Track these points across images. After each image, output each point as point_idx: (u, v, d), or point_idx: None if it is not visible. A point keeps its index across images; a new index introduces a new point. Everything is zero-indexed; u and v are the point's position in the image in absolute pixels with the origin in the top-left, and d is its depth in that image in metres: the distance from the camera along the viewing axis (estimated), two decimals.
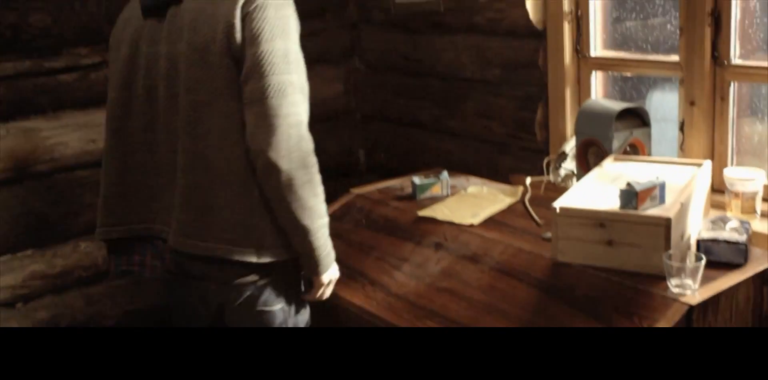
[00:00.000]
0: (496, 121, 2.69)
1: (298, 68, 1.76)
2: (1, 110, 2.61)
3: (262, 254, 1.77)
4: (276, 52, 1.72)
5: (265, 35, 1.73)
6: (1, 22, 2.57)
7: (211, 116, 1.78)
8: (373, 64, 3.22)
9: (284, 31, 1.75)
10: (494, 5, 2.56)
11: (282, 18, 1.76)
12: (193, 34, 1.80)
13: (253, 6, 1.74)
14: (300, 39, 1.91)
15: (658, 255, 1.75)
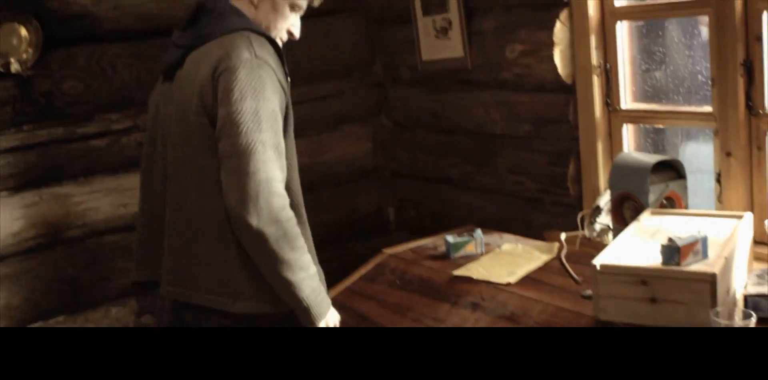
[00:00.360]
0: (527, 176, 2.66)
1: (270, 127, 1.81)
2: (34, 176, 2.64)
3: (238, 305, 1.83)
4: (246, 111, 1.80)
5: (234, 95, 1.80)
6: (36, 90, 2.61)
7: (190, 171, 1.89)
8: (400, 122, 3.22)
9: (255, 91, 1.82)
10: (522, 61, 2.57)
11: (254, 79, 1.83)
12: (180, 94, 1.93)
13: (224, 67, 1.83)
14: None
15: (704, 312, 1.69)
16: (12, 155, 2.59)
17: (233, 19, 1.94)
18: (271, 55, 1.88)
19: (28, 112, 2.61)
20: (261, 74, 1.82)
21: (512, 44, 2.59)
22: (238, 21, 1.93)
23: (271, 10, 1.99)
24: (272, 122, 1.81)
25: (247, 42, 1.85)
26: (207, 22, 1.98)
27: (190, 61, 1.93)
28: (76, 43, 2.68)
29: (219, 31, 1.91)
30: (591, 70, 2.43)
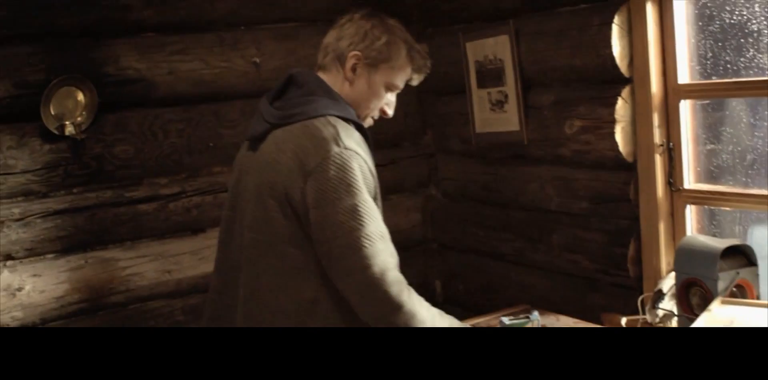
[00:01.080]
0: (584, 255, 2.57)
1: (370, 218, 1.78)
2: (81, 239, 2.61)
3: None
4: (343, 211, 1.77)
5: (329, 196, 1.78)
6: (87, 152, 2.60)
7: (269, 257, 1.86)
8: (450, 194, 3.16)
9: (349, 187, 1.79)
10: (581, 137, 2.51)
11: (346, 174, 1.79)
12: (260, 175, 1.90)
13: (314, 165, 1.80)
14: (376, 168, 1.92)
15: None
16: (60, 218, 2.57)
17: (322, 102, 1.91)
18: (358, 142, 1.86)
19: (79, 174, 2.60)
20: (352, 167, 1.79)
21: (571, 120, 2.53)
22: (326, 104, 1.90)
23: (365, 89, 1.99)
24: (370, 212, 1.79)
25: (333, 132, 1.83)
26: (296, 100, 1.95)
27: (273, 139, 1.90)
28: (129, 107, 2.69)
29: (306, 115, 1.88)
30: (653, 149, 2.36)
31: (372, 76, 1.99)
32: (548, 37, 2.58)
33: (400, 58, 2.01)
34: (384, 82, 2.01)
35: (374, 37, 1.99)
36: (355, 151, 1.83)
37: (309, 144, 1.82)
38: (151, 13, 2.69)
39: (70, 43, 2.58)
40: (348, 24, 2.03)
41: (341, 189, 1.77)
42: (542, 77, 2.64)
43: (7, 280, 2.49)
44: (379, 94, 2.01)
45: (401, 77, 2.04)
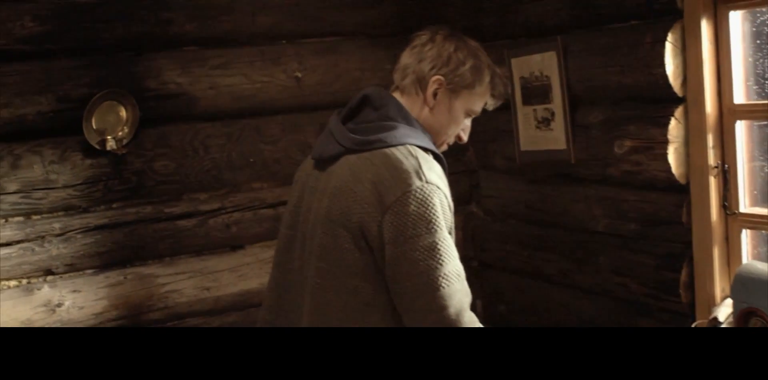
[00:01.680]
0: (633, 279, 2.49)
1: (448, 256, 1.72)
2: (120, 255, 2.59)
3: None
4: (422, 248, 1.70)
5: (408, 233, 1.70)
6: (128, 168, 2.58)
7: (335, 289, 1.79)
8: (492, 211, 3.10)
9: (429, 224, 1.71)
10: (631, 157, 2.44)
11: (427, 211, 1.72)
12: (332, 202, 1.79)
13: (394, 198, 1.72)
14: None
15: None
16: (100, 233, 2.55)
17: (401, 130, 1.82)
18: (440, 175, 1.79)
19: (119, 190, 2.58)
20: (433, 203, 1.72)
21: (621, 139, 2.47)
22: (407, 132, 1.83)
23: (445, 115, 1.92)
24: (449, 251, 1.73)
25: (415, 164, 1.75)
26: (373, 124, 1.86)
27: (348, 165, 1.81)
28: (170, 122, 2.67)
29: (385, 142, 1.79)
30: (707, 171, 2.28)
31: (453, 101, 1.92)
32: (597, 54, 2.52)
33: (483, 84, 1.94)
34: (464, 108, 1.95)
35: (459, 62, 1.91)
36: (436, 185, 1.75)
37: (389, 176, 1.73)
38: (192, 27, 2.67)
39: (112, 57, 2.56)
40: (429, 45, 1.93)
41: (421, 226, 1.70)
42: (590, 95, 2.57)
43: (47, 295, 2.48)
44: (458, 120, 1.95)
45: (481, 103, 1.98)
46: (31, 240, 2.46)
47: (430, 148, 1.86)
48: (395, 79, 1.99)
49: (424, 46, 1.95)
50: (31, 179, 2.46)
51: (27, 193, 2.45)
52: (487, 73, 1.97)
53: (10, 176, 2.42)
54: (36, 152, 2.46)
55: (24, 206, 2.45)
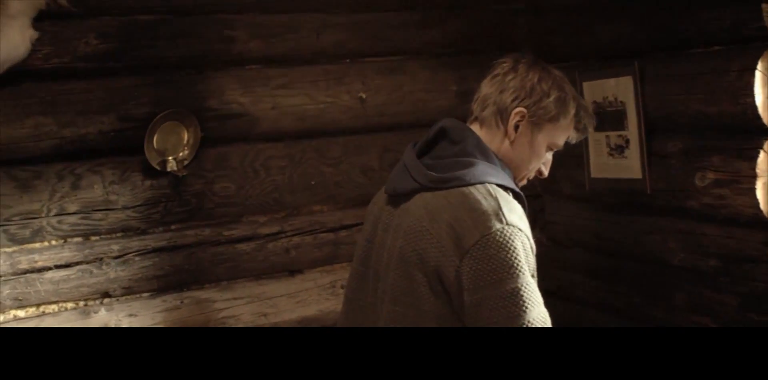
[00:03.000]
0: (713, 318, 2.37)
1: (532, 303, 1.62)
2: (177, 279, 2.52)
3: None
4: (504, 295, 1.60)
5: (488, 279, 1.60)
6: (188, 189, 2.53)
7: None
8: (557, 239, 2.99)
9: (511, 269, 1.61)
10: (714, 191, 2.32)
11: (508, 255, 1.62)
12: (406, 242, 1.70)
13: (473, 241, 1.62)
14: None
15: None
16: (158, 256, 2.49)
17: (480, 167, 1.73)
18: (521, 216, 1.69)
19: (178, 212, 2.53)
20: (515, 246, 1.62)
21: (703, 171, 2.35)
22: (486, 170, 1.73)
23: (526, 149, 1.83)
24: (533, 296, 1.63)
25: (495, 205, 1.65)
26: (450, 160, 1.77)
27: (423, 203, 1.72)
28: (231, 143, 2.60)
29: (463, 181, 1.70)
30: None
31: (535, 135, 1.84)
32: (678, 80, 2.40)
33: (568, 117, 1.86)
34: (546, 142, 1.86)
35: (543, 93, 1.83)
36: (518, 227, 1.65)
37: (467, 218, 1.64)
38: (255, 45, 2.61)
39: (174, 76, 2.51)
40: (512, 74, 1.85)
41: (502, 271, 1.60)
42: (669, 123, 2.46)
43: (104, 319, 2.42)
44: (540, 154, 1.87)
45: (564, 136, 1.90)
46: (90, 262, 2.41)
47: (509, 186, 1.78)
48: (474, 110, 1.90)
49: (506, 75, 1.86)
50: (91, 199, 2.40)
51: (87, 214, 2.40)
52: (573, 106, 1.87)
53: (71, 197, 2.37)
54: (97, 172, 2.41)
55: (83, 227, 2.40)
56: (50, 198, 2.35)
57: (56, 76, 2.35)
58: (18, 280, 2.31)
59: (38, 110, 2.32)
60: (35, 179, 2.34)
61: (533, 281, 1.67)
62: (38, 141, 2.33)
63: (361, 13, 2.76)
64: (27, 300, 2.33)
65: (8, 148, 2.29)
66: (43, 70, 2.32)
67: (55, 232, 2.37)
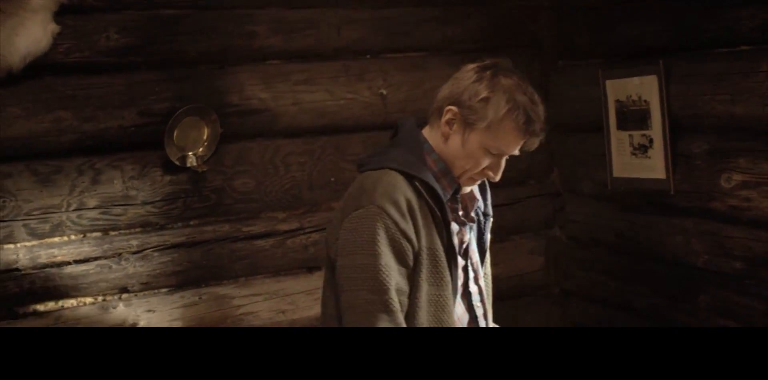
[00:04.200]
0: (738, 321, 2.35)
1: (372, 284, 1.77)
2: (196, 275, 2.52)
3: None
4: (354, 268, 1.79)
5: (346, 249, 1.81)
6: (208, 185, 2.52)
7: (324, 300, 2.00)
8: (577, 238, 2.98)
9: (366, 245, 1.78)
10: (740, 192, 2.29)
11: (364, 232, 1.79)
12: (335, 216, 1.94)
13: (347, 215, 1.83)
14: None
15: None
16: (177, 251, 2.49)
17: (393, 154, 1.89)
18: (395, 200, 1.78)
19: (198, 207, 2.53)
20: (373, 225, 1.78)
21: (729, 172, 2.33)
22: (396, 157, 1.88)
23: (458, 147, 1.88)
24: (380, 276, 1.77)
25: (372, 187, 1.82)
26: (381, 148, 1.98)
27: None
28: (251, 138, 2.60)
29: (371, 165, 1.89)
30: None
31: (468, 134, 1.87)
32: (703, 80, 2.38)
33: (496, 119, 1.84)
34: (481, 144, 1.86)
35: (473, 93, 1.86)
36: (384, 209, 1.77)
37: (354, 194, 1.86)
38: (276, 41, 2.60)
39: (195, 71, 2.50)
40: (461, 75, 1.92)
41: (358, 245, 1.79)
42: (694, 124, 2.44)
43: (122, 315, 2.42)
44: (473, 155, 1.87)
45: (506, 141, 1.87)
46: (109, 257, 2.41)
47: (415, 174, 1.83)
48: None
49: (457, 75, 1.95)
50: (111, 194, 2.40)
51: (106, 209, 2.40)
52: (504, 107, 1.84)
53: (91, 192, 2.37)
54: (116, 167, 2.41)
55: (102, 222, 2.40)
56: (70, 193, 2.35)
57: (77, 70, 2.35)
58: (38, 274, 2.31)
59: (59, 105, 2.32)
60: (55, 174, 2.34)
61: (391, 263, 1.78)
62: (59, 136, 2.32)
63: (382, 9, 2.75)
64: (46, 294, 2.33)
65: (29, 142, 2.29)
66: (64, 65, 2.32)
67: (75, 227, 2.37)
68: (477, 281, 2.02)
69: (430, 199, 1.84)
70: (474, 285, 2.01)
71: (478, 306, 2.01)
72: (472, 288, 2.00)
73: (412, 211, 1.81)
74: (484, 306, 2.04)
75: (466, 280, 1.98)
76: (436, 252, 1.83)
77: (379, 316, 1.76)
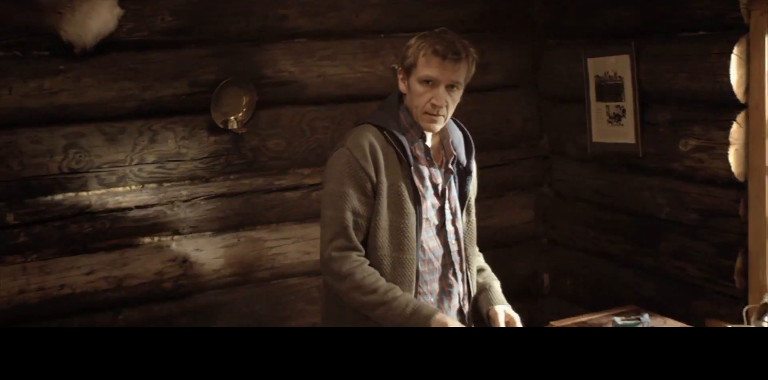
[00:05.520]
0: (691, 263, 2.79)
1: (335, 205, 2.24)
2: (235, 221, 2.98)
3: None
4: (324, 193, 2.29)
5: (324, 179, 2.32)
6: (246, 145, 2.96)
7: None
8: (562, 194, 3.42)
9: (332, 176, 2.26)
10: (694, 155, 2.72)
11: (334, 166, 2.26)
12: None
13: (329, 157, 2.32)
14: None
15: None
16: (219, 201, 2.94)
17: (373, 113, 2.39)
18: (366, 145, 2.22)
19: (237, 164, 2.96)
20: (340, 162, 2.25)
21: (686, 138, 2.75)
22: (373, 115, 2.36)
23: (410, 93, 2.28)
24: (337, 201, 2.23)
25: (349, 136, 2.30)
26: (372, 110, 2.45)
27: None
28: (282, 106, 3.02)
29: (358, 123, 2.36)
30: (764, 171, 2.56)
31: (409, 79, 2.26)
32: (668, 60, 2.79)
33: (414, 53, 2.25)
34: (416, 79, 2.22)
35: (405, 49, 2.28)
36: (348, 149, 2.24)
37: (338, 143, 2.35)
38: (304, 22, 3.01)
39: (235, 48, 2.92)
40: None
41: (328, 177, 2.28)
42: (659, 96, 2.85)
43: (175, 252, 2.88)
44: (416, 91, 2.23)
45: (426, 68, 2.21)
46: (163, 205, 2.87)
47: (384, 126, 2.28)
48: None
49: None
50: (166, 152, 2.85)
51: (162, 164, 2.85)
52: (418, 41, 2.26)
53: (149, 149, 2.82)
54: (170, 129, 2.85)
55: (158, 174, 2.85)
56: (132, 150, 2.80)
57: (137, 47, 2.77)
58: (106, 217, 2.78)
59: (123, 76, 2.76)
60: (120, 134, 2.78)
61: (350, 191, 2.22)
62: (123, 102, 2.76)
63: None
64: (113, 234, 2.79)
65: (98, 107, 2.73)
66: (127, 42, 2.74)
67: (136, 178, 2.82)
68: (454, 223, 2.36)
69: (395, 145, 2.24)
70: (451, 226, 2.35)
71: (453, 244, 2.35)
72: (449, 228, 2.35)
73: (375, 153, 2.23)
74: (459, 244, 2.37)
75: (442, 220, 2.34)
76: (399, 188, 2.24)
77: (336, 229, 2.23)
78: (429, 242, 2.31)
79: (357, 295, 2.19)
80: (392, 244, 2.24)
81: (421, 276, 2.28)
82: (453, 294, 2.34)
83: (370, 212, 2.24)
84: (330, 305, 2.34)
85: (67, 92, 2.68)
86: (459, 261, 2.36)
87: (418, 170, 2.28)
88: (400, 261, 2.24)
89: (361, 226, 2.24)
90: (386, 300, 2.17)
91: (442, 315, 2.17)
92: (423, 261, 2.28)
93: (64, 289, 2.73)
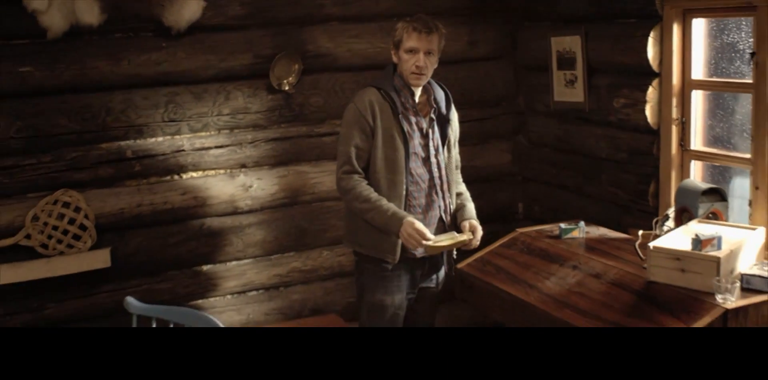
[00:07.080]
0: (622, 190, 3.78)
1: (344, 142, 3.14)
2: (285, 158, 3.96)
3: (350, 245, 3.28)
4: (340, 135, 3.19)
5: (341, 125, 3.20)
6: (294, 102, 3.93)
7: None
8: (533, 141, 4.40)
9: (343, 122, 3.17)
10: (623, 110, 3.70)
11: (346, 115, 3.15)
12: None
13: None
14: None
15: (711, 279, 2.79)
16: (274, 143, 3.93)
17: (376, 78, 3.25)
18: (366, 101, 3.13)
19: (287, 116, 3.94)
20: (349, 113, 3.17)
21: (618, 98, 3.73)
22: (374, 78, 3.26)
23: (399, 61, 3.18)
24: (348, 140, 3.14)
25: (357, 94, 3.21)
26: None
27: None
28: (320, 72, 3.98)
29: (366, 86, 3.24)
30: (671, 122, 3.54)
31: (399, 52, 3.16)
32: (608, 40, 3.74)
33: (399, 30, 3.16)
34: (403, 50, 3.13)
35: (393, 30, 3.19)
36: (355, 103, 3.14)
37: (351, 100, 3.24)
38: (336, 10, 3.96)
39: (286, 30, 3.87)
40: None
41: (342, 123, 3.19)
42: (601, 67, 3.81)
43: (242, 180, 3.89)
44: (404, 59, 3.13)
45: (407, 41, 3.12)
46: (234, 145, 3.86)
47: (381, 87, 3.14)
48: None
49: None
50: (236, 106, 3.83)
51: (233, 115, 3.83)
52: (400, 23, 3.18)
53: (224, 105, 3.80)
54: (239, 89, 3.82)
55: (231, 123, 3.84)
56: (213, 105, 3.78)
57: (215, 29, 3.73)
58: (195, 154, 3.77)
59: (205, 51, 3.72)
60: (204, 93, 3.76)
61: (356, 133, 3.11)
62: (206, 70, 3.74)
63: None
64: (199, 166, 3.79)
65: (189, 74, 3.70)
66: (207, 26, 3.70)
67: (215, 126, 3.80)
68: (436, 157, 3.20)
69: (389, 100, 3.11)
70: (434, 158, 3.19)
71: (435, 171, 3.20)
72: (432, 160, 3.19)
73: (373, 107, 3.08)
74: (440, 172, 3.22)
75: (427, 154, 3.18)
76: (392, 130, 3.09)
77: (344, 159, 3.10)
78: (417, 169, 3.17)
79: (356, 203, 3.07)
80: (386, 169, 3.10)
81: (411, 193, 3.15)
82: (434, 207, 3.21)
83: (369, 147, 3.09)
84: (348, 217, 3.26)
85: (167, 63, 3.64)
86: (440, 184, 3.22)
87: (406, 117, 3.14)
88: (393, 182, 3.11)
89: (362, 157, 3.11)
90: (375, 206, 3.04)
91: (411, 218, 3.02)
92: (412, 183, 3.14)
93: (167, 205, 3.74)
